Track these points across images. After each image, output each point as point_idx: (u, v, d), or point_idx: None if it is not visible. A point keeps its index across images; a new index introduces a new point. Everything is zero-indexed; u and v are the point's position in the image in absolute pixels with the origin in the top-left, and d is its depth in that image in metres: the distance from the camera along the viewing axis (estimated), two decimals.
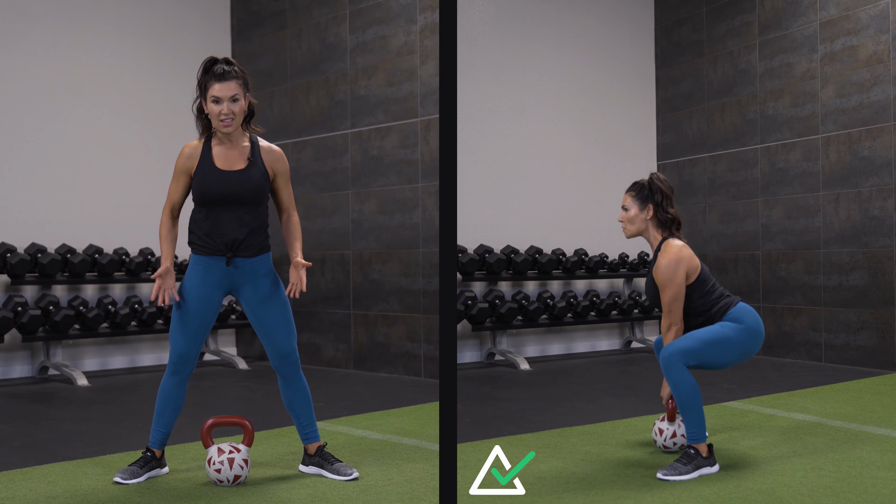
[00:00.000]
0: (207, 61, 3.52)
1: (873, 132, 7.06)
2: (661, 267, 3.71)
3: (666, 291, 3.71)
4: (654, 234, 3.83)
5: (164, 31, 7.55)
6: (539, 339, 8.08)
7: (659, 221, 3.82)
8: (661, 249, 3.76)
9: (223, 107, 3.46)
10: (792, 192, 7.74)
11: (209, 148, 3.55)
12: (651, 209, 3.81)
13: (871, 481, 3.48)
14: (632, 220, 3.84)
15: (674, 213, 3.81)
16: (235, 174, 3.50)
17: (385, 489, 3.41)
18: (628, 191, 3.87)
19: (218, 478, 3.45)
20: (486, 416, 5.01)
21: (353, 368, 7.05)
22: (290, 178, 3.74)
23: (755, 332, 3.75)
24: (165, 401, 3.58)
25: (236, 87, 3.47)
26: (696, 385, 3.67)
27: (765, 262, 7.99)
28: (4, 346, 6.52)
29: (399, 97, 6.77)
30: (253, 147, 3.59)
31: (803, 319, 7.60)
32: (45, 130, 6.85)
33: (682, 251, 3.73)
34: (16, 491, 3.38)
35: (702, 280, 3.76)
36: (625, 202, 3.86)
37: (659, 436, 4.02)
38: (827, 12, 7.45)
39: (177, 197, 3.58)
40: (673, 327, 3.73)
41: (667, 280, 3.70)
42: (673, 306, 3.71)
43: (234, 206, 3.50)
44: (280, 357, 3.60)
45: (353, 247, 7.09)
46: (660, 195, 3.80)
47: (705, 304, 3.75)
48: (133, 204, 7.25)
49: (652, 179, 3.83)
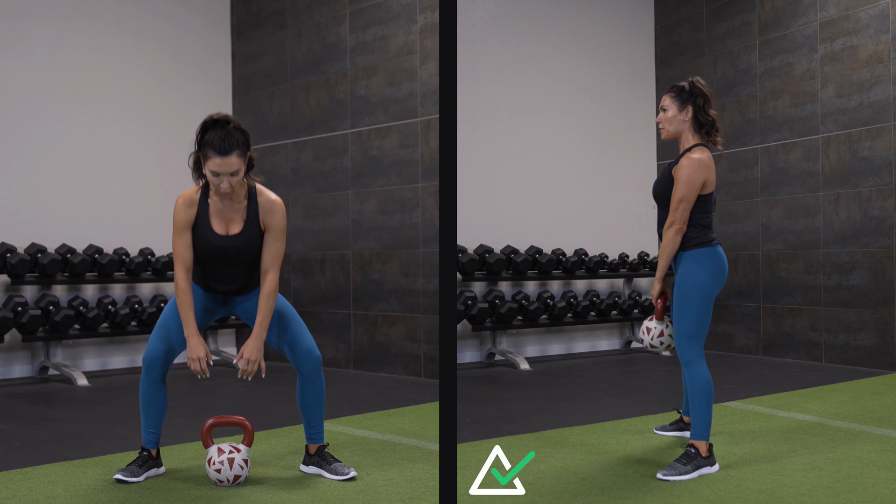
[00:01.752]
0: (208, 122, 3.42)
1: (873, 132, 7.06)
2: (684, 164, 3.73)
3: (679, 188, 3.71)
4: (689, 136, 3.83)
5: (164, 31, 7.56)
6: (539, 339, 8.08)
7: (698, 124, 3.81)
8: (690, 150, 3.77)
9: (223, 181, 3.38)
10: (792, 192, 7.74)
11: (206, 204, 3.50)
12: (690, 110, 3.81)
13: (871, 481, 3.48)
14: (670, 121, 3.84)
15: (714, 116, 3.82)
16: (232, 238, 3.50)
17: (385, 489, 3.41)
18: (668, 92, 3.87)
19: (218, 478, 3.45)
20: (486, 416, 5.01)
21: (353, 368, 7.05)
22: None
23: (720, 269, 3.76)
24: (146, 404, 3.57)
25: (237, 161, 3.37)
26: (711, 383, 3.72)
27: (765, 262, 7.99)
28: (4, 346, 6.52)
29: (399, 97, 6.77)
30: (250, 203, 3.51)
31: (803, 319, 7.60)
32: (45, 130, 6.85)
33: (710, 160, 3.76)
34: (16, 491, 3.38)
35: (710, 200, 3.79)
36: (664, 103, 3.86)
37: (646, 334, 4.01)
38: (827, 12, 7.45)
39: (187, 255, 3.50)
40: (675, 225, 3.73)
41: (685, 177, 3.70)
42: (680, 205, 3.72)
43: (229, 266, 3.55)
44: (304, 355, 3.57)
45: (353, 247, 7.09)
46: (701, 98, 3.80)
47: (703, 220, 3.78)
48: (133, 204, 7.26)
49: (693, 82, 3.83)
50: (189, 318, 3.47)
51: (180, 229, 3.48)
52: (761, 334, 7.98)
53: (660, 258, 3.83)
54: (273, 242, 3.53)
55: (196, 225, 3.49)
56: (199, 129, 3.43)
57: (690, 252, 3.75)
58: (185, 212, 3.48)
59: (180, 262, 3.48)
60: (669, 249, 3.77)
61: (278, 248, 3.54)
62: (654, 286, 3.96)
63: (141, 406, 3.59)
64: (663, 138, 3.93)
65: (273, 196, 3.56)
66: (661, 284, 3.90)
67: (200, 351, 3.45)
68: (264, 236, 3.53)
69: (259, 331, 3.50)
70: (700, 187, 3.73)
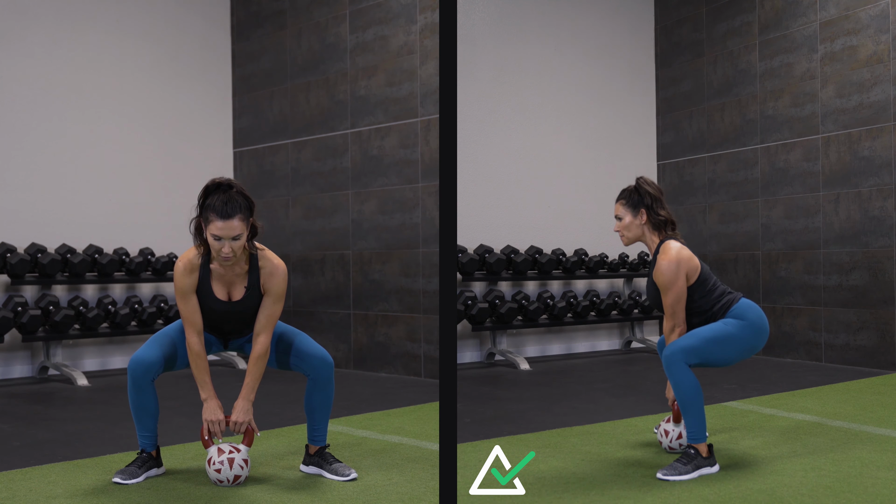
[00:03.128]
0: (210, 186, 3.36)
1: (873, 132, 7.06)
2: (662, 269, 3.70)
3: (667, 294, 3.70)
4: (651, 237, 3.83)
5: (164, 31, 7.56)
6: (539, 339, 8.07)
7: (653, 224, 3.81)
8: (659, 251, 3.76)
9: (224, 245, 3.33)
10: (792, 192, 7.74)
11: (207, 270, 3.47)
12: (644, 213, 3.79)
13: (871, 481, 3.48)
14: (628, 228, 3.83)
15: (665, 215, 3.80)
16: (233, 304, 3.49)
17: (385, 489, 3.41)
18: (618, 200, 3.86)
19: (218, 478, 3.45)
20: (486, 416, 5.01)
21: (353, 368, 7.05)
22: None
23: (758, 327, 3.74)
24: (139, 411, 3.53)
25: (239, 224, 3.31)
26: (698, 384, 3.66)
27: (765, 262, 7.99)
28: (4, 346, 6.52)
29: (399, 97, 6.77)
30: (252, 268, 3.48)
31: (803, 319, 7.60)
32: (45, 130, 6.85)
33: (680, 252, 3.72)
34: (16, 491, 3.38)
35: (702, 280, 3.75)
36: (617, 212, 3.85)
37: (665, 437, 4.02)
38: (827, 12, 7.45)
39: (196, 318, 3.46)
40: (676, 329, 3.73)
41: (668, 282, 3.69)
42: (675, 308, 3.71)
43: (229, 324, 3.57)
44: (319, 362, 3.56)
45: (353, 247, 7.09)
46: (649, 198, 3.79)
47: (707, 303, 3.75)
48: (133, 204, 7.26)
49: (639, 184, 3.82)
50: (206, 382, 3.49)
51: (184, 294, 3.45)
52: None
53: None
54: (270, 306, 3.50)
55: (197, 290, 3.46)
56: (202, 194, 3.36)
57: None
58: (187, 278, 3.44)
59: (191, 327, 3.46)
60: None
61: (274, 311, 3.51)
62: (668, 389, 3.95)
63: (133, 413, 3.55)
64: (625, 245, 3.91)
65: (276, 260, 3.52)
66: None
67: (220, 414, 3.49)
68: (263, 298, 3.51)
69: (246, 392, 3.52)
70: (685, 284, 3.71)
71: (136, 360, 3.47)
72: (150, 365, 3.46)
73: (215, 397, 3.51)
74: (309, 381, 3.61)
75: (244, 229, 3.34)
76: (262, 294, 3.51)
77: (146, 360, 3.46)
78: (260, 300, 3.52)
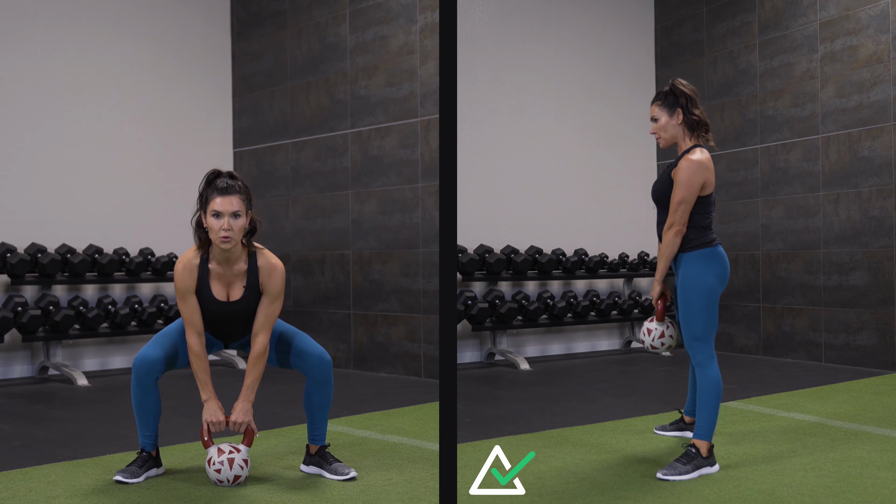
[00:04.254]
0: (210, 174, 3.43)
1: (873, 132, 7.06)
2: (684, 166, 3.74)
3: (679, 189, 3.72)
4: (685, 139, 3.85)
5: (164, 31, 7.56)
6: (539, 339, 8.08)
7: (688, 125, 3.83)
8: (689, 152, 3.78)
9: (224, 222, 3.35)
10: (792, 192, 7.74)
11: (206, 270, 3.49)
12: (680, 113, 3.83)
13: (871, 481, 3.48)
14: (664, 128, 3.86)
15: (699, 115, 3.83)
16: (232, 304, 3.51)
17: (385, 489, 3.41)
18: (654, 102, 3.89)
19: (218, 478, 3.45)
20: (486, 416, 5.01)
21: (353, 368, 7.05)
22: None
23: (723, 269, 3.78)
24: (142, 409, 3.54)
25: (239, 202, 3.38)
26: (721, 385, 3.72)
27: (765, 262, 7.99)
28: (4, 346, 6.52)
29: (399, 97, 6.77)
30: (251, 267, 3.51)
31: (803, 319, 7.60)
32: (46, 130, 6.85)
33: (709, 161, 3.77)
34: (16, 491, 3.38)
35: (710, 201, 3.80)
36: (653, 113, 3.89)
37: (647, 336, 4.03)
38: (827, 12, 7.45)
39: (196, 319, 3.48)
40: (674, 227, 3.75)
41: (685, 179, 3.71)
42: (680, 207, 3.73)
43: (228, 325, 3.58)
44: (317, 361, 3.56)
45: (353, 247, 7.09)
46: (684, 98, 3.82)
47: (703, 221, 3.78)
48: (133, 204, 7.26)
49: (674, 84, 3.85)
50: (206, 382, 3.50)
51: (184, 295, 3.47)
52: (761, 334, 7.99)
53: (659, 260, 3.83)
54: (268, 305, 3.52)
55: (196, 290, 3.48)
56: (203, 180, 3.44)
57: (691, 253, 3.76)
58: (186, 278, 3.46)
59: (191, 327, 3.48)
60: (669, 251, 3.77)
61: (273, 311, 3.53)
62: (653, 287, 3.97)
63: (136, 411, 3.57)
64: (662, 146, 3.95)
65: (273, 259, 3.55)
66: (660, 286, 3.91)
67: (220, 415, 3.51)
68: (261, 298, 3.53)
69: (246, 393, 3.54)
70: (699, 189, 3.74)
71: (141, 358, 3.48)
72: (153, 364, 3.47)
73: (216, 398, 3.52)
74: (308, 380, 3.62)
75: (243, 210, 3.40)
76: (261, 294, 3.53)
77: (150, 359, 3.47)
78: (258, 300, 3.53)
